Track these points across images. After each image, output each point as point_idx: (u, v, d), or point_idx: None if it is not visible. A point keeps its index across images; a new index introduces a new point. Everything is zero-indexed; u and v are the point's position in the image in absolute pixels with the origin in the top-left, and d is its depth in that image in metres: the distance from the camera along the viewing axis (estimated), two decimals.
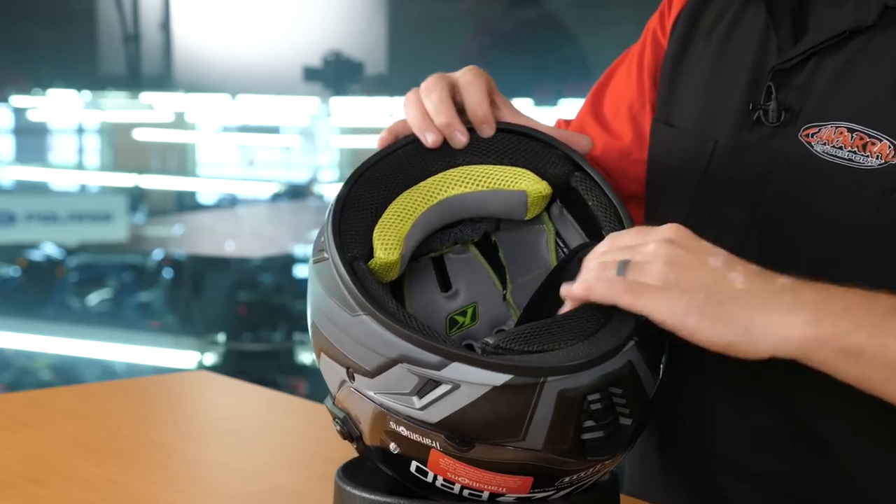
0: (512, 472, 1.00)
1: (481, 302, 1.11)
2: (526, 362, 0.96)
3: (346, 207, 1.08)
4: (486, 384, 0.96)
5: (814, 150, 1.15)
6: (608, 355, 0.98)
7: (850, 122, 1.13)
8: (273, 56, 7.02)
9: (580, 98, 5.56)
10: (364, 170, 1.11)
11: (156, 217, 7.21)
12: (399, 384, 0.99)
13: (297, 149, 8.41)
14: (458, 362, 0.96)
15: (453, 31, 5.98)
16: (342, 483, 1.08)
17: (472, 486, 1.01)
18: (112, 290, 5.79)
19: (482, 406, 0.96)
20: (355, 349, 1.01)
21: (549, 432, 0.97)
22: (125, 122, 7.81)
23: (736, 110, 1.22)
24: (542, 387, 0.96)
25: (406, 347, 0.98)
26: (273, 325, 5.15)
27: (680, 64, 1.31)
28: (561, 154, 1.14)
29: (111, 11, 7.04)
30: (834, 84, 1.15)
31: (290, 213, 7.05)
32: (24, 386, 5.16)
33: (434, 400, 0.97)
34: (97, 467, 1.33)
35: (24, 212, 5.75)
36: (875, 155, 1.11)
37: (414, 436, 1.00)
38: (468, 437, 0.98)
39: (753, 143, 1.20)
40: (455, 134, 1.13)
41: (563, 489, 1.03)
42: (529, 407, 0.96)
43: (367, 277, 1.02)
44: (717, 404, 1.22)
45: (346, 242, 1.05)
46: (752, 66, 1.22)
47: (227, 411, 1.64)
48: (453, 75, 1.16)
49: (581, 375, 0.96)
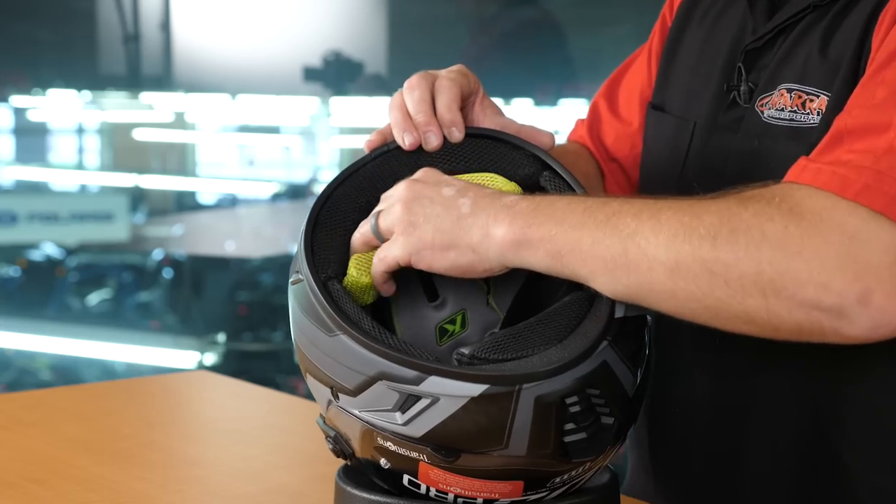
0: (501, 479, 1.00)
1: (470, 308, 1.11)
2: (500, 371, 0.97)
3: (317, 227, 1.08)
4: (463, 395, 0.96)
5: (763, 117, 1.16)
6: (581, 358, 0.98)
7: (789, 83, 1.14)
8: (273, 56, 7.02)
9: (580, 98, 5.61)
10: (334, 188, 1.11)
11: (156, 217, 7.21)
12: (381, 401, 0.99)
13: (297, 149, 8.42)
14: (434, 376, 0.97)
15: (453, 31, 5.98)
16: (342, 483, 1.08)
17: (464, 495, 1.01)
18: (112, 290, 5.78)
19: (462, 417, 0.97)
20: (336, 369, 1.02)
21: (531, 438, 0.97)
22: (125, 122, 7.81)
23: (714, 92, 1.24)
24: (519, 394, 0.96)
25: (383, 364, 0.98)
26: (273, 325, 5.14)
27: (676, 48, 1.33)
28: (529, 154, 1.14)
29: (111, 11, 7.04)
30: (784, 55, 1.17)
31: (290, 213, 7.05)
32: (24, 386, 5.15)
33: (416, 414, 0.98)
34: (97, 467, 1.33)
35: (25, 212, 5.75)
36: (816, 111, 1.12)
37: (401, 450, 1.00)
38: (453, 448, 0.98)
39: (727, 124, 1.21)
40: (429, 135, 1.13)
41: (557, 489, 1.03)
42: (508, 415, 0.96)
43: (342, 297, 1.03)
44: (704, 388, 1.23)
45: (320, 262, 1.05)
46: (729, 48, 1.24)
47: (227, 411, 1.64)
48: (436, 74, 1.16)
49: (556, 380, 0.96)
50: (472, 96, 1.17)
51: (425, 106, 1.13)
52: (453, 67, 1.17)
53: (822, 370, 1.14)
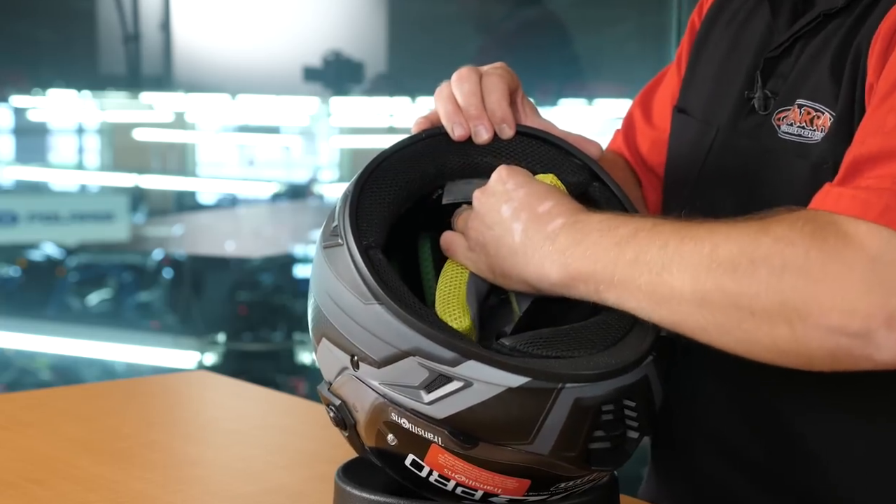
0: (511, 474, 0.99)
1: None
2: (545, 367, 0.96)
3: (363, 193, 1.07)
4: (501, 385, 0.96)
5: (779, 132, 1.16)
6: (629, 367, 0.98)
7: (802, 99, 1.14)
8: (273, 56, 7.02)
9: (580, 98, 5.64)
10: (384, 158, 1.10)
11: (156, 217, 7.20)
12: (407, 377, 0.98)
13: (297, 149, 8.41)
14: (474, 360, 0.96)
15: (454, 31, 5.97)
16: (342, 483, 1.08)
17: (466, 485, 1.00)
18: (112, 290, 5.77)
19: (494, 406, 0.96)
20: (364, 338, 1.00)
21: (559, 439, 0.97)
22: (125, 122, 7.80)
23: (735, 98, 1.24)
24: (560, 393, 0.96)
25: (421, 341, 0.97)
26: (273, 325, 5.14)
27: (701, 52, 1.33)
28: (579, 163, 1.14)
29: (111, 11, 7.04)
30: (804, 67, 1.17)
31: (290, 213, 7.04)
32: (24, 386, 5.15)
33: (443, 396, 0.97)
34: (97, 467, 1.33)
35: (26, 212, 5.74)
36: (820, 128, 1.12)
37: (416, 429, 0.99)
38: (473, 435, 0.97)
39: (746, 131, 1.21)
40: (479, 128, 1.14)
41: (558, 494, 1.03)
42: (543, 412, 0.96)
43: (383, 267, 1.02)
44: (708, 393, 1.23)
45: (363, 230, 1.04)
46: (753, 54, 1.24)
47: (227, 411, 1.64)
48: (482, 69, 1.17)
49: (599, 385, 0.96)
50: (514, 95, 1.17)
51: (476, 99, 1.14)
52: (496, 64, 1.18)
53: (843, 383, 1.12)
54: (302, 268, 5.69)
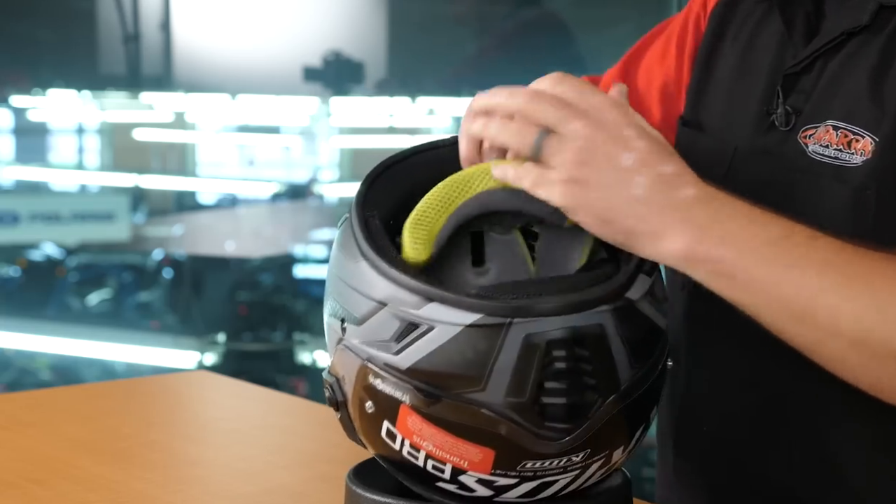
0: (473, 440, 0.99)
1: None
2: (499, 303, 0.97)
3: (382, 175, 1.09)
4: (457, 324, 0.96)
5: (808, 151, 1.15)
6: (577, 307, 0.97)
7: (836, 120, 1.13)
8: (273, 56, 7.02)
9: None
10: (419, 150, 1.12)
11: (156, 217, 7.20)
12: (382, 330, 0.99)
13: (297, 149, 8.41)
14: (435, 302, 0.97)
15: (453, 31, 5.98)
16: (353, 485, 1.08)
17: (434, 455, 1.01)
18: (112, 290, 5.78)
19: (450, 348, 0.97)
20: (350, 296, 1.02)
21: (510, 383, 0.97)
22: (125, 122, 7.80)
23: (754, 115, 1.22)
24: (509, 329, 0.96)
25: (391, 289, 0.99)
26: (273, 325, 5.14)
27: (710, 63, 1.30)
28: None
29: (111, 11, 7.04)
30: (829, 85, 1.15)
31: (290, 213, 7.05)
32: (24, 386, 5.15)
33: (409, 343, 0.98)
34: (97, 467, 1.33)
35: (27, 212, 5.75)
36: (859, 152, 1.11)
37: (387, 389, 1.00)
38: (435, 386, 0.98)
39: (767, 148, 1.19)
40: None
41: (527, 478, 1.02)
42: (494, 349, 0.96)
43: (378, 232, 1.03)
44: (736, 410, 1.22)
45: (369, 200, 1.06)
46: (769, 70, 1.22)
47: (227, 411, 1.64)
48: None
49: (548, 321, 0.96)
50: None
51: None
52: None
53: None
54: (302, 268, 5.70)
